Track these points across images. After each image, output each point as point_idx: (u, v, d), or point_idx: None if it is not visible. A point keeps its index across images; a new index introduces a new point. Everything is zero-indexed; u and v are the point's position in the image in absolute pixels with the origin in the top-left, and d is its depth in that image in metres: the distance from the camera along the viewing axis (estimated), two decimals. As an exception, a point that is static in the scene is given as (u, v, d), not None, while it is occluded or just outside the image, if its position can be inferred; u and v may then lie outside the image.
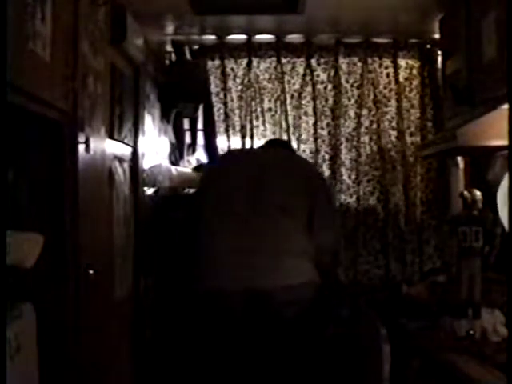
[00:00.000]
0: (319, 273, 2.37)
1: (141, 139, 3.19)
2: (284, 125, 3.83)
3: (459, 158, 3.60)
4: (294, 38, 3.78)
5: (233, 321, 2.23)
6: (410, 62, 3.84)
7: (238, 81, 3.84)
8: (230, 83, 3.84)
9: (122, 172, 2.83)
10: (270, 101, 3.84)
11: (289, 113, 3.83)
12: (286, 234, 2.32)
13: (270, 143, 3.19)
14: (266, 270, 2.23)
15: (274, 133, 3.84)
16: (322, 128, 3.83)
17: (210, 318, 2.26)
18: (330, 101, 3.83)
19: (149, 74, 3.44)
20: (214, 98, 3.86)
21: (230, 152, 3.41)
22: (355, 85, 3.84)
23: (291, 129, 3.83)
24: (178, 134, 3.93)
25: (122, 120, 2.84)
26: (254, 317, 2.21)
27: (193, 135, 4.04)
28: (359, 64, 3.83)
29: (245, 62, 3.83)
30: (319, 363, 2.41)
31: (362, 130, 3.84)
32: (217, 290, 2.24)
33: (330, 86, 3.83)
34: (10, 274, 1.58)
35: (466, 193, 2.60)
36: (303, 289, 2.25)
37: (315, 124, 3.82)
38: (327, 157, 3.82)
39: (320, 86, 3.83)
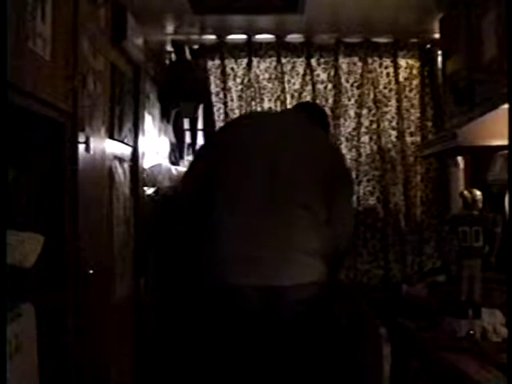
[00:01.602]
0: (328, 270, 2.35)
1: (141, 139, 3.19)
2: (284, 125, 3.83)
3: (459, 158, 3.60)
4: (294, 37, 3.78)
5: (242, 317, 2.21)
6: (410, 61, 3.84)
7: (238, 81, 3.84)
8: (230, 83, 3.85)
9: (121, 172, 2.83)
10: (269, 101, 3.85)
11: (289, 113, 3.83)
12: (301, 230, 2.26)
13: (297, 108, 2.84)
14: (278, 268, 2.20)
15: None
16: (322, 128, 3.82)
17: (219, 312, 2.24)
18: (330, 101, 3.83)
19: (149, 73, 3.44)
20: (214, 98, 3.86)
21: (243, 123, 2.60)
22: (355, 85, 3.84)
23: (291, 129, 3.83)
24: (178, 133, 3.93)
25: (121, 120, 2.84)
26: (264, 313, 2.20)
27: (193, 135, 4.04)
28: (359, 64, 3.83)
29: (245, 61, 3.83)
30: (320, 362, 2.41)
31: (362, 129, 3.84)
32: (227, 285, 2.22)
33: (329, 86, 3.83)
34: (10, 273, 1.57)
35: (466, 193, 2.60)
36: (313, 287, 2.24)
37: (315, 124, 3.81)
38: (327, 157, 3.82)
39: (320, 86, 3.83)
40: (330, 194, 2.32)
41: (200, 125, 4.00)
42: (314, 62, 3.83)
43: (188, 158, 4.08)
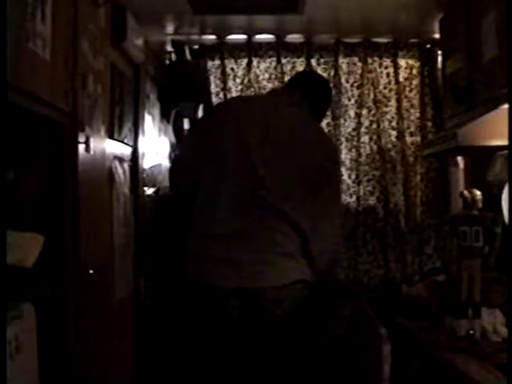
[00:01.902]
0: (315, 272, 2.29)
1: (141, 139, 3.19)
2: (284, 125, 3.83)
3: (459, 158, 3.60)
4: (294, 37, 3.78)
5: (224, 318, 2.18)
6: (410, 61, 3.84)
7: (238, 81, 3.84)
8: (230, 83, 3.84)
9: (122, 172, 2.83)
10: (269, 101, 3.84)
11: (289, 113, 3.83)
12: (282, 234, 2.19)
13: (291, 89, 2.48)
14: (257, 270, 2.16)
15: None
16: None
17: (200, 313, 2.21)
18: (330, 100, 3.83)
19: (149, 73, 3.44)
20: (213, 98, 3.85)
21: (228, 117, 2.37)
22: (355, 85, 3.84)
23: (291, 129, 3.82)
24: (178, 134, 3.93)
25: (121, 120, 2.84)
26: (246, 315, 2.16)
27: (193, 135, 4.04)
28: (359, 64, 3.82)
29: (245, 61, 3.83)
30: (318, 363, 2.40)
31: (362, 129, 3.84)
32: (206, 286, 2.18)
33: (330, 86, 3.83)
34: (10, 274, 1.57)
35: (466, 193, 2.60)
36: (296, 286, 2.19)
37: (315, 124, 3.81)
38: (327, 157, 3.82)
39: (320, 86, 3.83)
40: (315, 194, 2.24)
41: (200, 125, 3.99)
42: (314, 62, 3.82)
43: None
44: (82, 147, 2.12)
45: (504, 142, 2.14)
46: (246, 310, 2.14)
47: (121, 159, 2.83)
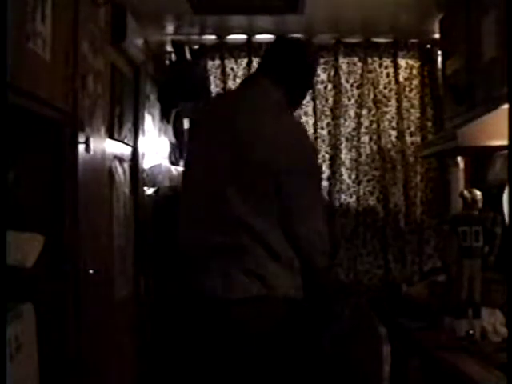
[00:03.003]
0: (311, 277, 2.18)
1: (141, 139, 3.19)
2: (284, 125, 3.83)
3: (459, 158, 3.60)
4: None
5: (200, 324, 2.13)
6: (410, 61, 3.84)
7: (238, 81, 3.84)
8: (230, 83, 3.84)
9: (122, 172, 2.83)
10: (269, 101, 3.83)
11: (289, 113, 3.83)
12: (242, 248, 2.04)
13: (261, 79, 2.25)
14: (222, 281, 2.08)
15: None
16: (322, 128, 3.83)
17: (184, 317, 2.18)
18: (330, 101, 3.83)
19: (149, 73, 3.44)
20: (213, 98, 3.85)
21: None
22: (355, 85, 3.84)
23: (291, 129, 3.82)
24: (178, 134, 3.93)
25: (121, 120, 2.84)
26: (214, 326, 2.09)
27: (193, 135, 4.03)
28: (359, 64, 3.83)
29: (245, 61, 3.83)
30: (318, 363, 2.38)
31: (362, 129, 3.84)
32: (180, 291, 2.15)
33: (329, 86, 3.83)
34: (10, 274, 1.58)
35: (466, 193, 2.60)
36: (255, 303, 2.09)
37: (315, 124, 3.82)
38: (327, 157, 3.82)
39: (320, 86, 3.83)
40: (281, 198, 2.06)
41: (200, 125, 3.99)
42: (314, 61, 3.83)
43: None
44: (81, 147, 2.12)
45: (504, 142, 2.14)
46: (214, 321, 2.08)
47: (121, 159, 2.84)
